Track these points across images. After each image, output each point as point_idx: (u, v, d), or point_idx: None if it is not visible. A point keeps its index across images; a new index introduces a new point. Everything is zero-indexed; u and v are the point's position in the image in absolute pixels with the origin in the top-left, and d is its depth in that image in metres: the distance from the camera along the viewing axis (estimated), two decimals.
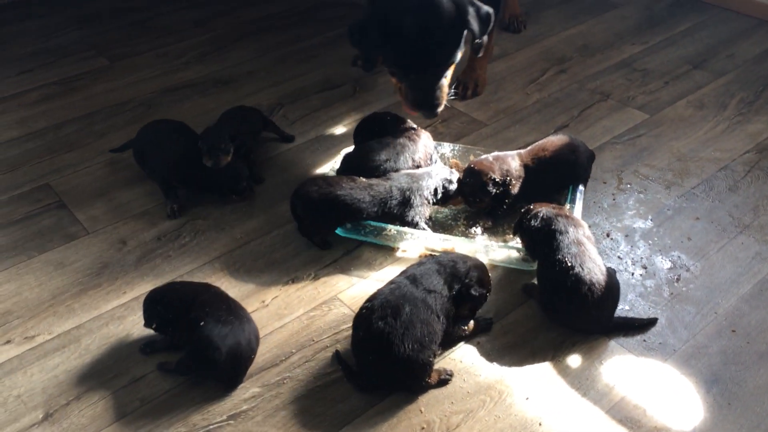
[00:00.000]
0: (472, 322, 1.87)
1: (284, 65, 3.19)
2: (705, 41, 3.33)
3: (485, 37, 2.23)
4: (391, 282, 1.79)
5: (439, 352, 1.79)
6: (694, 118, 2.78)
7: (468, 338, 1.87)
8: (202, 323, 1.70)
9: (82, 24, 3.55)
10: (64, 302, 1.99)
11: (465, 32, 2.15)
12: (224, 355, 1.68)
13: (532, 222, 1.95)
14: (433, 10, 2.07)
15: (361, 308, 1.74)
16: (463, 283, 1.77)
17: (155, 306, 1.79)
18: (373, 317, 1.67)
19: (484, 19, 2.18)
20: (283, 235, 2.21)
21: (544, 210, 1.96)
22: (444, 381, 1.76)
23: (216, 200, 2.34)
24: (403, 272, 1.82)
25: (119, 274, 2.09)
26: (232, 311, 1.76)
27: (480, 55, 2.33)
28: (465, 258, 1.85)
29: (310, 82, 3.05)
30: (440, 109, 2.23)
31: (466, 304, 1.81)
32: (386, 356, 1.65)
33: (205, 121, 2.75)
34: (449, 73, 2.22)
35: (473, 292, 1.78)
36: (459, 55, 2.19)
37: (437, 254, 1.93)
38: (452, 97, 2.22)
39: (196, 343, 1.70)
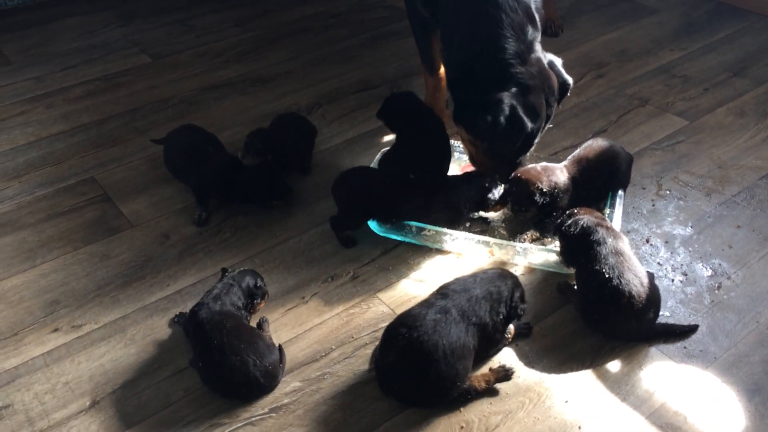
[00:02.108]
0: (512, 327, 1.86)
1: (322, 66, 3.22)
2: (745, 48, 3.30)
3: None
4: (431, 305, 1.71)
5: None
6: (734, 125, 2.76)
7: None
8: (200, 364, 1.74)
9: (124, 22, 3.62)
10: (109, 293, 2.04)
11: None
12: (241, 389, 1.71)
13: (572, 228, 1.93)
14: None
15: (399, 328, 1.68)
16: (510, 306, 1.77)
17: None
18: (411, 345, 1.63)
19: (564, 90, 2.19)
20: (321, 233, 2.24)
21: (586, 218, 1.94)
22: (500, 380, 1.76)
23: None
24: (445, 295, 1.74)
25: (162, 267, 2.13)
26: (226, 346, 1.70)
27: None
28: (503, 276, 1.80)
29: (348, 83, 3.08)
30: None
31: (513, 322, 1.83)
32: (419, 386, 1.67)
33: (244, 119, 2.80)
34: None
35: (520, 312, 1.79)
36: None
37: (479, 272, 1.87)
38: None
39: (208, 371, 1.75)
